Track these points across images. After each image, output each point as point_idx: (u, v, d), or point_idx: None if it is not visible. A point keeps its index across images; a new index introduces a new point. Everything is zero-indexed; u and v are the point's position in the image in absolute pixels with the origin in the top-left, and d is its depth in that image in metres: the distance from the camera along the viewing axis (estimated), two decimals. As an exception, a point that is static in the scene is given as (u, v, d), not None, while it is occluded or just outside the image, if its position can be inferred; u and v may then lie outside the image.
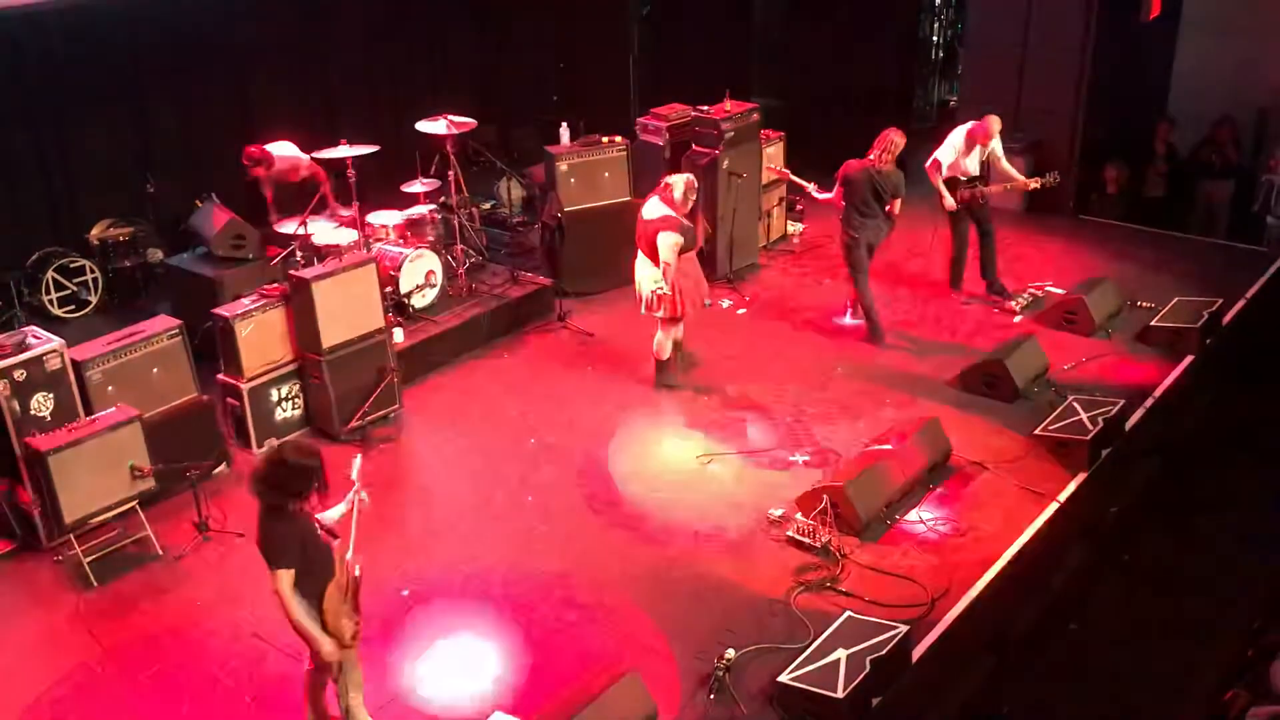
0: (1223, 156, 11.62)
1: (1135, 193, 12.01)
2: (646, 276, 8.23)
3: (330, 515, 5.17)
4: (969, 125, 9.59)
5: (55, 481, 6.56)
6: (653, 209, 8.13)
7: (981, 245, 9.90)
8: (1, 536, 7.06)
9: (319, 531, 5.01)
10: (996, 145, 9.63)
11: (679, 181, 8.14)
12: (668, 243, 7.96)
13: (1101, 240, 11.26)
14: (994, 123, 9.51)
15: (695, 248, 8.26)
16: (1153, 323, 9.20)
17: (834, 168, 9.00)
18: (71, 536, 6.73)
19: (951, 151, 9.56)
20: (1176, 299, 9.46)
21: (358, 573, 5.08)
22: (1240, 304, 9.77)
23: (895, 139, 8.92)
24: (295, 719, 5.45)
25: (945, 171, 9.54)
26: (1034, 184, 9.69)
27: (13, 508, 6.98)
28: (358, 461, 5.28)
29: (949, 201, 9.56)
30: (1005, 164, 9.77)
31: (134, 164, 10.40)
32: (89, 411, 7.03)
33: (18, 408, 6.73)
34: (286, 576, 4.78)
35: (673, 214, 8.05)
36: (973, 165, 9.58)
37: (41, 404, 6.82)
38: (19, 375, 6.72)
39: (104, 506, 6.79)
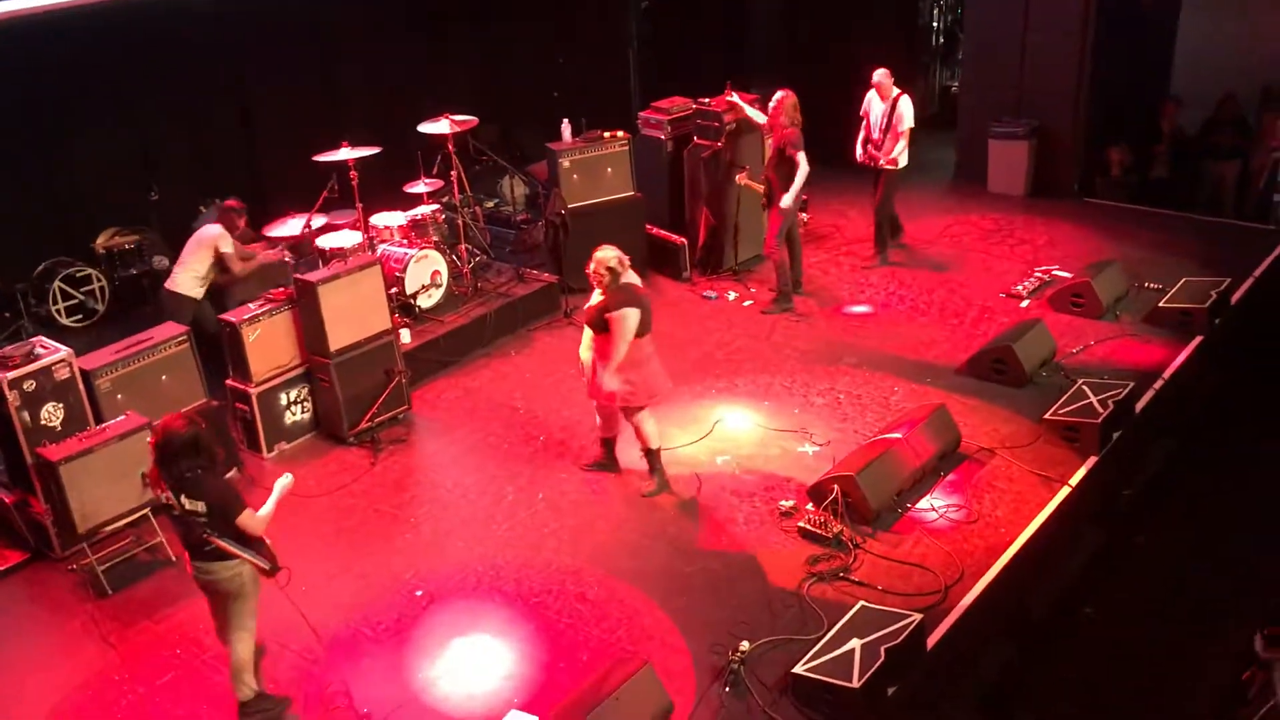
0: (1230, 136, 11.54)
1: (1140, 174, 11.96)
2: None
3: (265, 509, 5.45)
4: None
5: (67, 491, 6.59)
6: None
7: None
8: (15, 547, 7.11)
9: None
10: (904, 116, 10.03)
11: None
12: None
13: (1107, 223, 11.22)
14: (876, 75, 10.17)
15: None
16: (1161, 303, 9.17)
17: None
18: (85, 545, 6.76)
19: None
20: (1184, 279, 9.42)
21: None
22: (1249, 283, 9.73)
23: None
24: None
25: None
26: (890, 158, 10.11)
27: (26, 518, 7.02)
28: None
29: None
30: (900, 131, 10.10)
31: (137, 172, 10.41)
32: (99, 420, 7.06)
33: (28, 418, 6.77)
34: (249, 512, 5.28)
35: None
36: (878, 124, 10.20)
37: (52, 414, 6.85)
38: (28, 386, 6.75)
39: (116, 515, 6.82)
